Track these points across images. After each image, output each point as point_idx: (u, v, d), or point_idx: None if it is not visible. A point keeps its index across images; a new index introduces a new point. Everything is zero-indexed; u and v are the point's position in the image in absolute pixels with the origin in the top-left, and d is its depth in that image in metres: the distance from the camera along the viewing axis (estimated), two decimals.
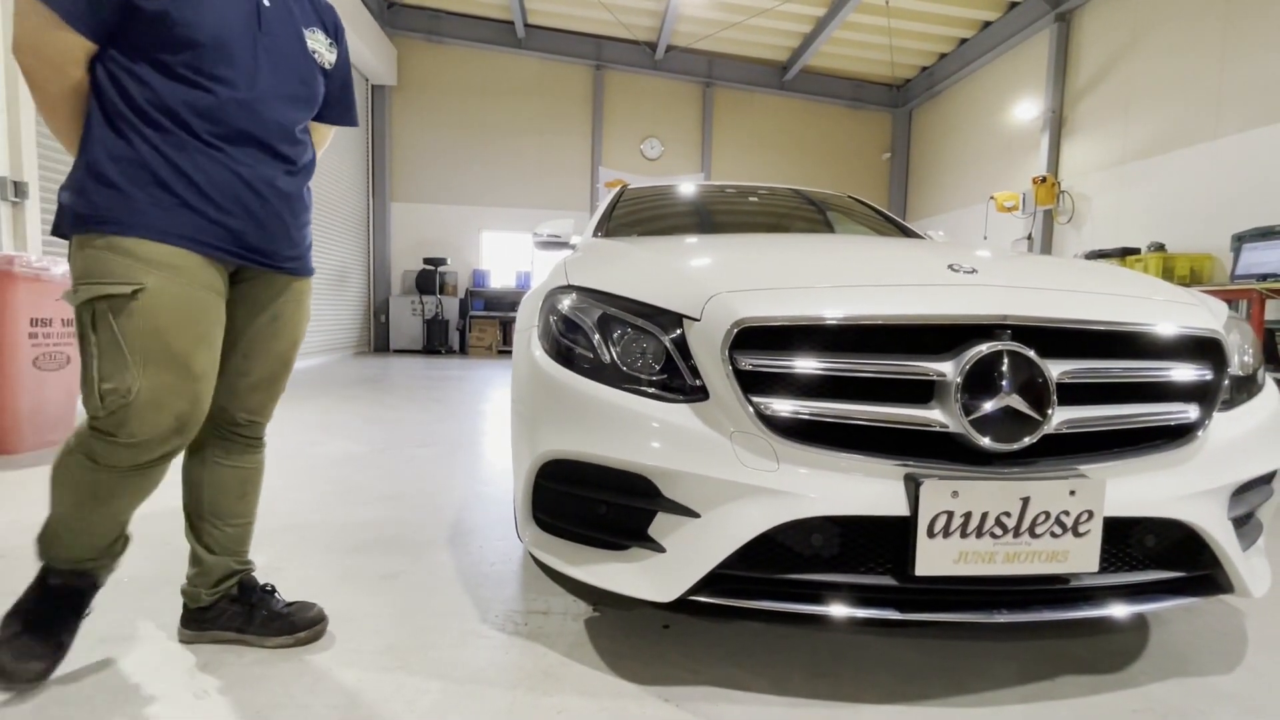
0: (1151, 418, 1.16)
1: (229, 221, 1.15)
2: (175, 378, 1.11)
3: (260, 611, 1.34)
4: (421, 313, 10.12)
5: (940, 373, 1.09)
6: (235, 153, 1.15)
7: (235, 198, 1.15)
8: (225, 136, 1.13)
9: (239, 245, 1.18)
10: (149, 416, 1.09)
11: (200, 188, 1.12)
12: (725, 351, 1.12)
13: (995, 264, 1.35)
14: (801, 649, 1.35)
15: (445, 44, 10.18)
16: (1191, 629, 1.46)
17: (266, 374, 1.31)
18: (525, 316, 1.55)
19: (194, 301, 1.12)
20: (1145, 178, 6.57)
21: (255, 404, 1.33)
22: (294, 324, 1.33)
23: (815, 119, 11.17)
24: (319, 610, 1.39)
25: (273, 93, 1.18)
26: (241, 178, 1.15)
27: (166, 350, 1.09)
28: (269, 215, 1.20)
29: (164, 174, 1.09)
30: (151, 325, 1.08)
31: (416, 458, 3.07)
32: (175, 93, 1.09)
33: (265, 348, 1.29)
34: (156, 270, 1.09)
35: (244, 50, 1.14)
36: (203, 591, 1.33)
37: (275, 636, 1.32)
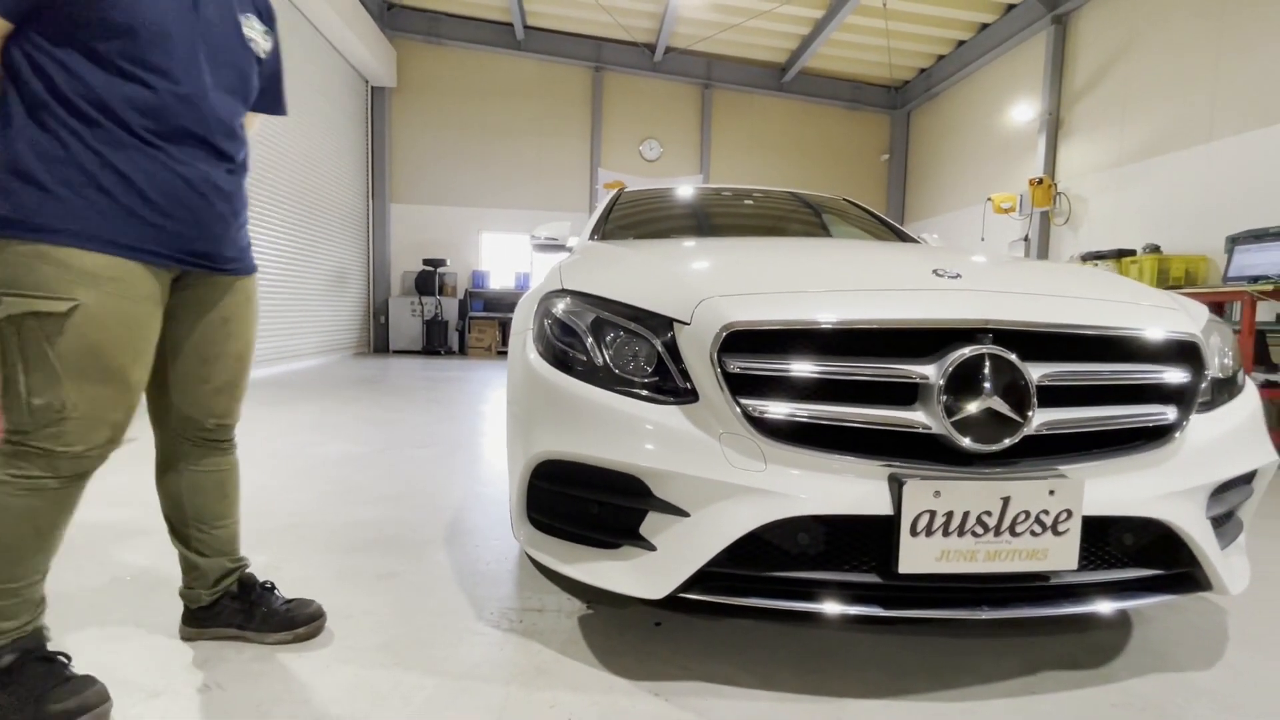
0: (1130, 419, 1.19)
1: (171, 225, 1.10)
2: (113, 391, 1.07)
3: (260, 608, 1.36)
4: (421, 313, 10.15)
5: (923, 375, 1.12)
6: (176, 151, 1.08)
7: (178, 200, 1.09)
8: (165, 135, 1.07)
9: (182, 250, 1.12)
10: (86, 430, 1.05)
11: (140, 190, 1.05)
12: (714, 354, 1.15)
13: (979, 269, 1.38)
14: (790, 646, 1.37)
15: (444, 45, 10.21)
16: (1172, 626, 1.49)
17: (227, 377, 1.29)
18: (521, 319, 1.58)
19: (133, 316, 1.07)
20: (1141, 180, 6.61)
21: (221, 408, 1.31)
22: (246, 324, 1.30)
23: (814, 120, 11.20)
24: (318, 606, 1.42)
25: (213, 86, 1.12)
26: (183, 178, 1.09)
27: (104, 366, 1.05)
28: (212, 217, 1.15)
29: (100, 175, 1.02)
30: (88, 343, 1.03)
31: (415, 458, 3.10)
32: (111, 87, 1.01)
33: (221, 351, 1.26)
34: (94, 284, 1.02)
35: (182, 39, 1.07)
36: (202, 593, 1.35)
37: (275, 632, 1.35)
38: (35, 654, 1.09)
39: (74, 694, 1.05)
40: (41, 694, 1.04)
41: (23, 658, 1.07)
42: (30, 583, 1.09)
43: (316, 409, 4.55)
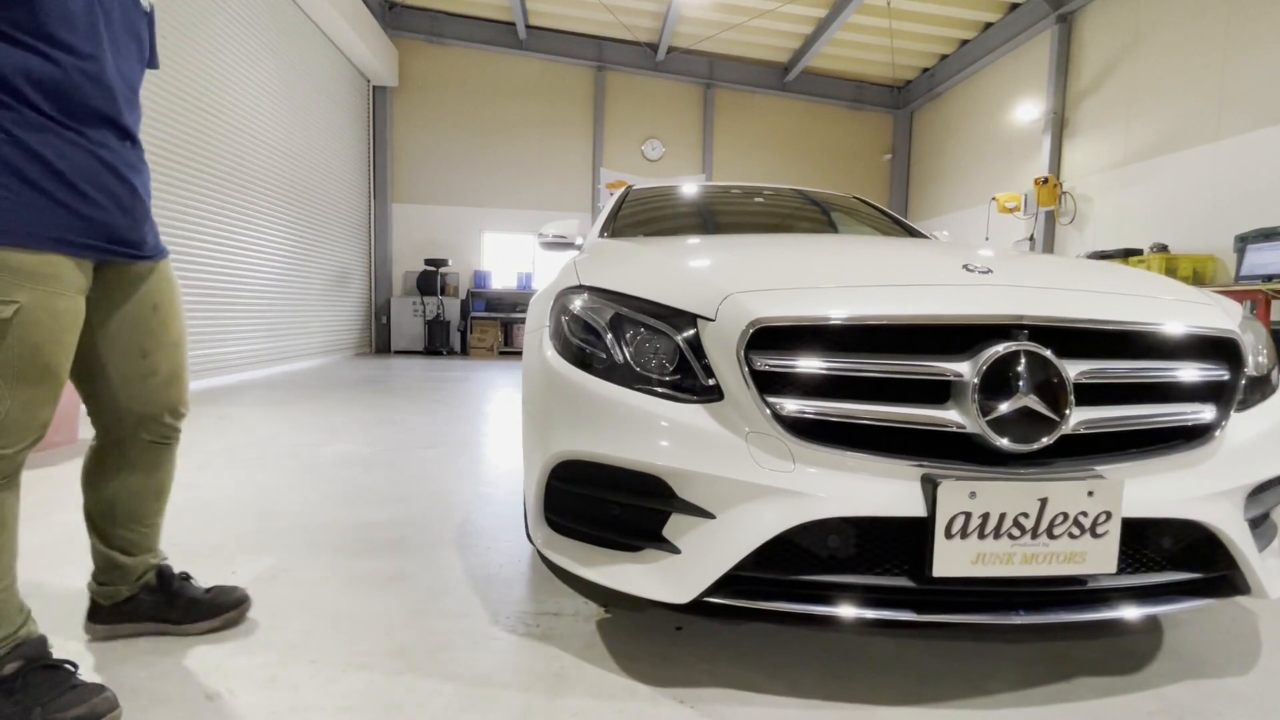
0: (1169, 418, 1.16)
1: (99, 215, 1.05)
2: (46, 389, 1.04)
3: (181, 598, 1.34)
4: (423, 314, 10.12)
5: (957, 373, 1.09)
6: (91, 134, 1.03)
7: (102, 187, 1.05)
8: (77, 116, 1.01)
9: (108, 239, 1.08)
10: (19, 431, 1.02)
11: (64, 176, 1.00)
12: (741, 352, 1.12)
13: (1010, 264, 1.35)
14: (816, 651, 1.34)
15: (446, 45, 10.18)
16: (1206, 631, 1.46)
17: (171, 366, 1.26)
18: (536, 317, 1.55)
19: (66, 312, 1.04)
20: (1147, 179, 6.58)
21: (173, 399, 1.28)
22: (175, 309, 1.27)
23: (816, 120, 11.18)
24: (242, 592, 1.40)
25: (115, 56, 1.06)
26: (103, 162, 1.04)
27: (40, 366, 1.02)
28: (134, 202, 1.12)
29: (22, 164, 0.96)
30: (27, 345, 0.99)
31: (421, 459, 3.06)
32: (10, 60, 0.93)
33: (161, 340, 1.23)
34: (31, 284, 0.98)
35: (82, 7, 1.00)
36: (122, 588, 1.32)
37: (199, 621, 1.33)
38: (39, 662, 1.07)
39: (81, 701, 1.03)
40: (47, 702, 1.02)
41: (26, 665, 1.05)
42: (2, 588, 1.05)
43: (319, 409, 4.51)
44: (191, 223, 5.47)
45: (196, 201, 5.55)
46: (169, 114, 5.11)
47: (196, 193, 5.55)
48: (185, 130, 5.35)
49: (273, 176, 6.94)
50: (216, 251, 5.87)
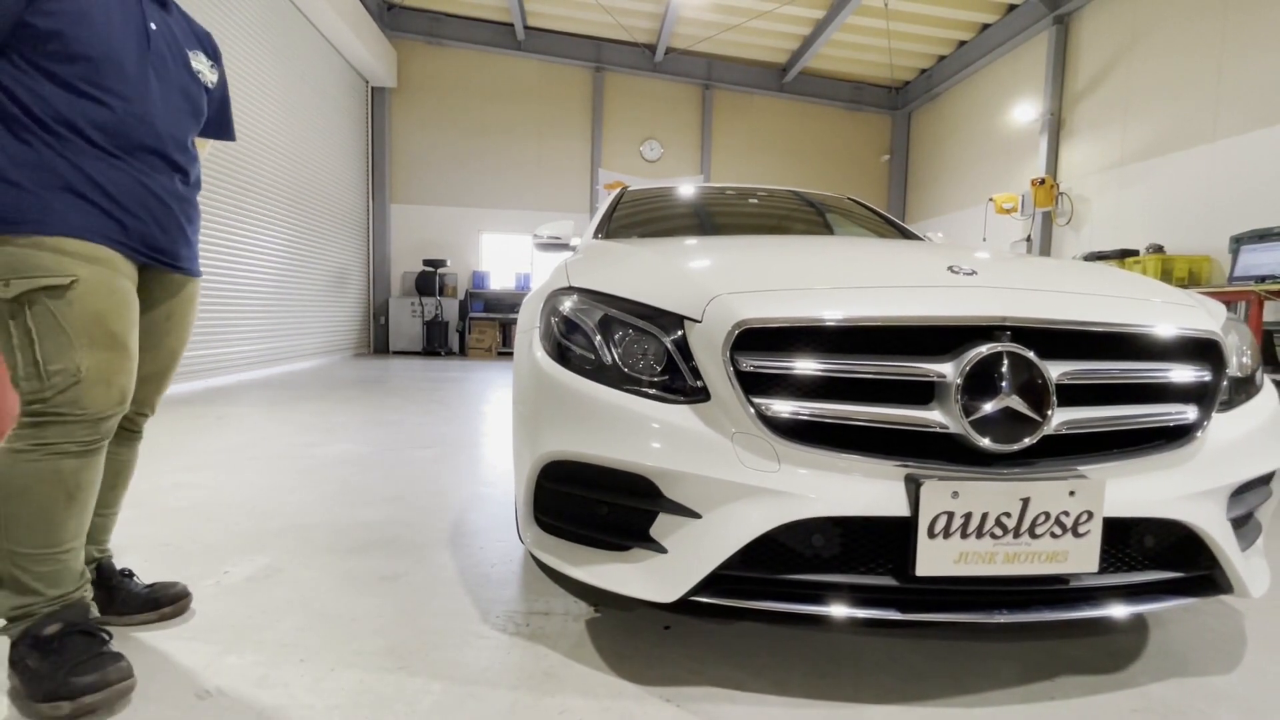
0: (1150, 419, 1.17)
1: (137, 225, 1.22)
2: (118, 355, 1.18)
3: (120, 593, 1.39)
4: (421, 314, 10.12)
5: (940, 374, 1.10)
6: (135, 163, 1.22)
7: (141, 203, 1.22)
8: (124, 148, 1.20)
9: (146, 246, 1.25)
10: (99, 392, 1.15)
11: (108, 192, 1.18)
12: (727, 353, 1.13)
13: (995, 265, 1.36)
14: (802, 650, 1.35)
15: (445, 46, 10.19)
16: (1190, 629, 1.47)
17: (158, 368, 1.39)
18: (527, 318, 1.56)
19: (123, 290, 1.20)
20: (1144, 180, 6.59)
21: (144, 396, 1.39)
22: (186, 323, 1.42)
23: (814, 121, 11.19)
24: (183, 587, 1.46)
25: (162, 106, 1.26)
26: (144, 185, 1.23)
27: (107, 332, 1.16)
28: (170, 219, 1.29)
29: (72, 178, 1.14)
30: (92, 310, 1.14)
31: (417, 459, 3.07)
32: (73, 105, 1.14)
33: (159, 343, 1.36)
34: (87, 263, 1.14)
35: (134, 66, 1.21)
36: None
37: (138, 614, 1.38)
38: (78, 627, 1.15)
39: (98, 668, 1.09)
40: (74, 665, 1.08)
41: (67, 629, 1.13)
42: (68, 548, 1.17)
43: (317, 410, 4.52)
44: None
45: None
46: None
47: None
48: None
49: (271, 177, 6.94)
50: (215, 252, 5.88)
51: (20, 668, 1.11)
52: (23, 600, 1.13)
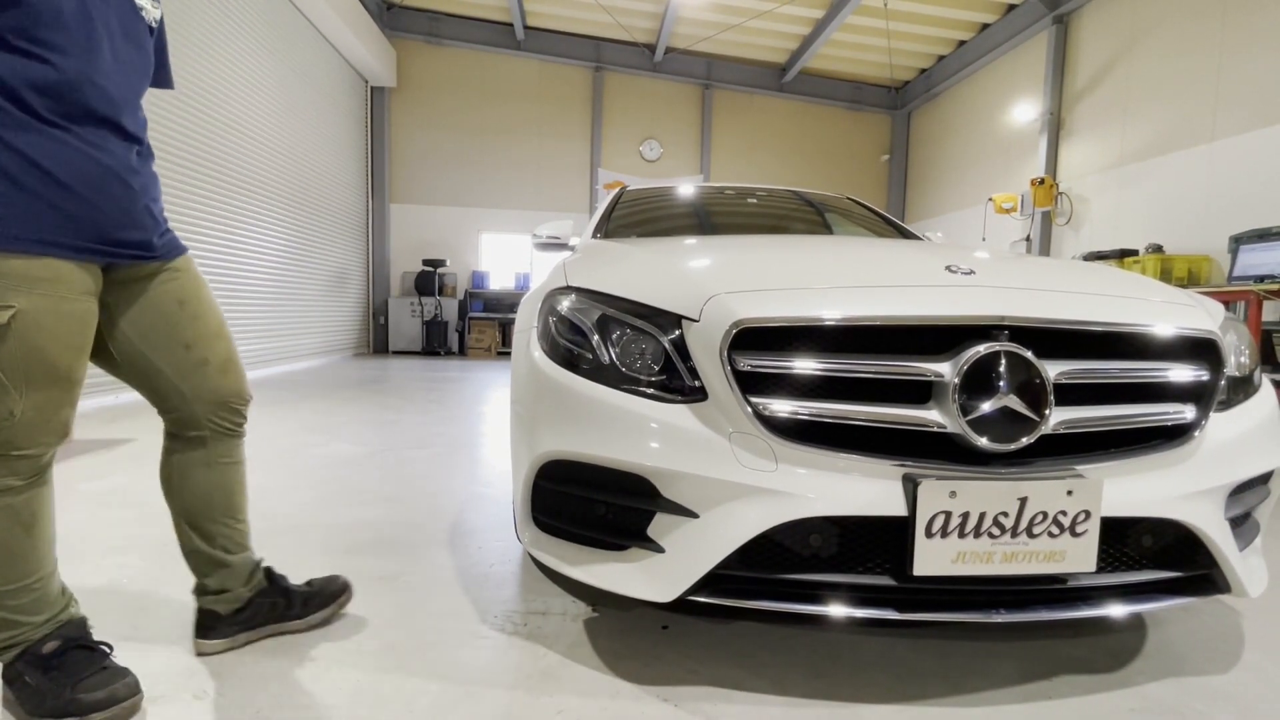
0: (1148, 418, 1.17)
1: (93, 215, 1.03)
2: (59, 391, 1.04)
3: (295, 595, 1.36)
4: (420, 314, 10.12)
5: (938, 373, 1.10)
6: (86, 134, 1.01)
7: (97, 187, 1.02)
8: (72, 116, 0.99)
9: (109, 240, 1.06)
10: (36, 432, 1.03)
11: (56, 177, 0.98)
12: (724, 352, 1.13)
13: (993, 265, 1.36)
14: (800, 649, 1.35)
15: (444, 46, 10.19)
16: (1189, 629, 1.47)
17: (221, 353, 1.24)
18: (525, 317, 1.56)
19: (71, 314, 1.03)
20: (1143, 179, 6.60)
21: (234, 383, 1.26)
22: (205, 300, 1.24)
23: (814, 121, 11.20)
24: (343, 579, 1.44)
25: (114, 61, 1.04)
26: (98, 163, 1.02)
27: (49, 369, 1.01)
28: (133, 202, 1.08)
29: (8, 163, 0.94)
30: (30, 347, 0.98)
31: (416, 459, 3.07)
32: (10, 67, 0.93)
33: (200, 331, 1.21)
34: (28, 289, 0.97)
35: (73, 10, 0.98)
36: (243, 591, 1.31)
37: (317, 611, 1.36)
38: (78, 642, 1.11)
39: (105, 685, 1.06)
40: (78, 681, 1.06)
41: (65, 645, 1.09)
42: (40, 577, 1.09)
43: (316, 410, 4.52)
44: (189, 224, 5.47)
45: (194, 202, 5.55)
46: (166, 115, 5.11)
47: (194, 194, 5.55)
48: (183, 131, 5.36)
49: (271, 177, 6.94)
50: (215, 252, 5.88)
51: (18, 684, 1.06)
52: (9, 633, 1.07)
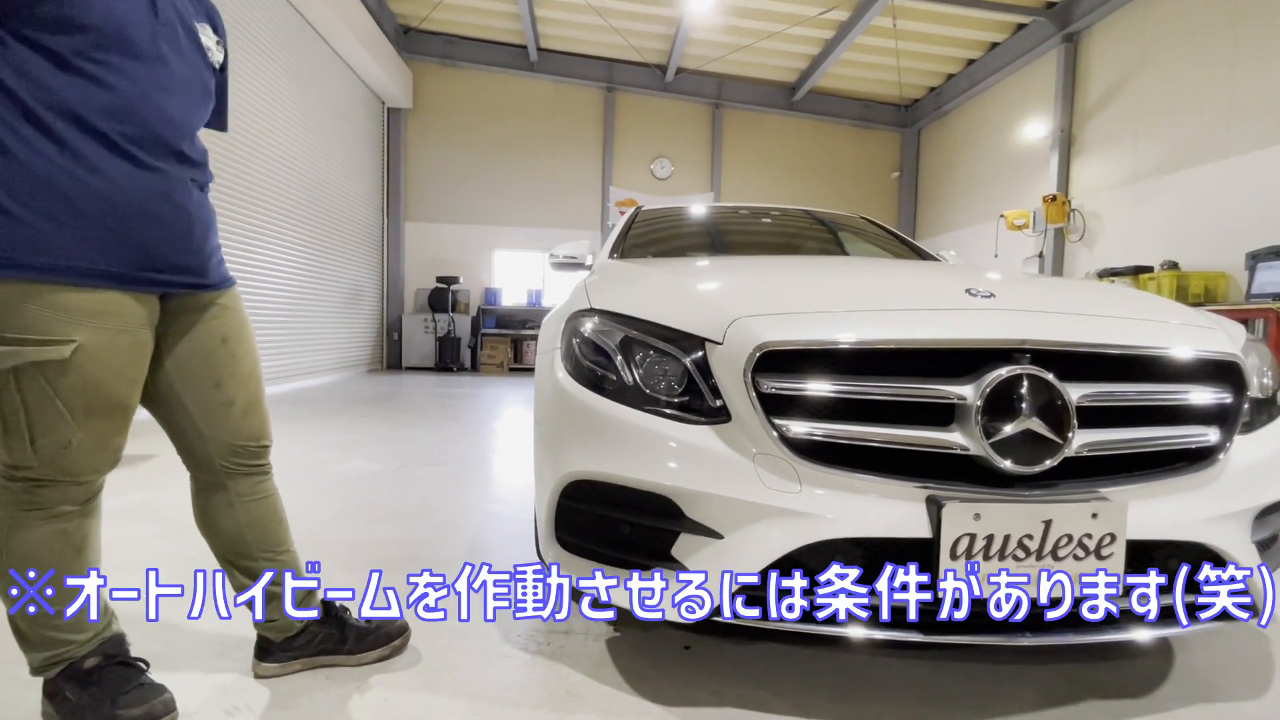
0: (1172, 441, 1.17)
1: (153, 242, 1.04)
2: (114, 420, 1.06)
3: (351, 628, 1.36)
4: (434, 330, 10.21)
5: (960, 396, 1.11)
6: (146, 158, 1.02)
7: (158, 215, 1.03)
8: (135, 139, 1.00)
9: (167, 268, 1.07)
10: (91, 460, 1.05)
11: (117, 205, 0.98)
12: (748, 375, 1.14)
13: (1012, 287, 1.37)
14: (823, 670, 1.35)
15: (459, 67, 10.39)
16: (1217, 654, 1.45)
17: (248, 395, 1.24)
18: (548, 338, 1.58)
19: (129, 346, 1.05)
20: (1157, 196, 6.58)
21: (255, 427, 1.26)
22: (246, 339, 1.25)
23: (824, 138, 11.27)
24: (403, 621, 1.42)
25: (177, 89, 1.06)
26: (161, 191, 1.04)
27: (106, 401, 1.03)
28: (191, 230, 1.10)
29: (74, 192, 0.95)
30: (88, 380, 1.00)
31: (431, 476, 3.09)
32: (74, 88, 0.94)
33: (232, 370, 1.21)
34: (90, 321, 0.99)
35: (144, 39, 1.00)
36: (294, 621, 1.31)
37: (370, 650, 1.35)
38: (117, 658, 1.14)
39: (142, 701, 1.09)
40: (116, 696, 1.08)
41: (105, 661, 1.12)
42: (86, 595, 1.12)
43: (332, 426, 4.57)
44: None
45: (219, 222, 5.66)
46: None
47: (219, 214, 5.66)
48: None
49: (289, 197, 7.08)
50: (234, 271, 5.97)
51: (59, 699, 1.09)
52: (55, 650, 1.10)
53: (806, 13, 8.37)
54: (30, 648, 1.10)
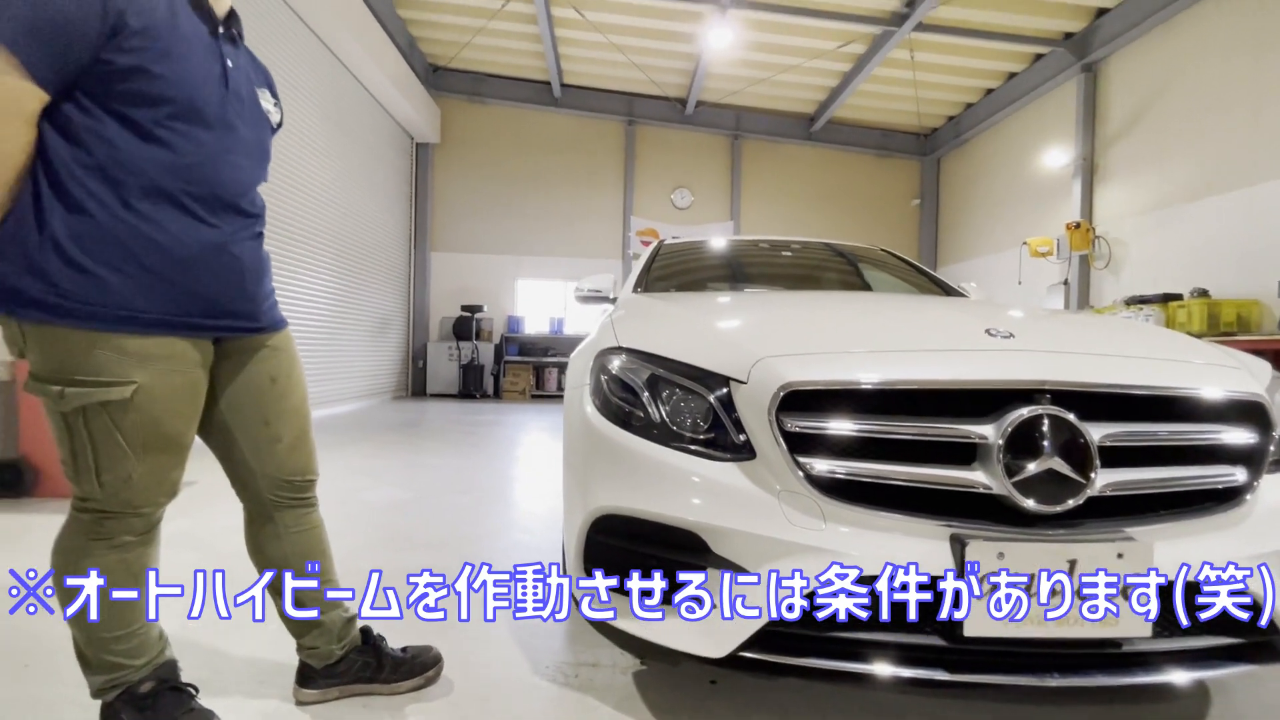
0: (1198, 480, 1.17)
1: (210, 292, 1.12)
2: (172, 455, 1.14)
3: (388, 657, 1.40)
4: (458, 358, 10.38)
5: (982, 435, 1.13)
6: (209, 215, 1.11)
7: (218, 268, 1.12)
8: (199, 197, 1.09)
9: (221, 314, 1.15)
10: (150, 492, 1.13)
11: (175, 256, 1.07)
12: (772, 414, 1.18)
13: (1032, 326, 1.39)
14: (848, 707, 1.35)
15: (486, 103, 10.74)
16: (1255, 697, 1.42)
17: (296, 431, 1.32)
18: (576, 373, 1.64)
19: (185, 386, 1.13)
20: (1184, 222, 6.51)
21: (301, 462, 1.33)
22: (295, 378, 1.33)
23: (843, 167, 11.37)
24: (437, 651, 1.46)
25: (240, 152, 1.16)
26: (217, 242, 1.12)
27: (163, 437, 1.11)
28: (247, 279, 1.18)
29: (137, 247, 1.03)
30: (148, 418, 1.09)
31: (458, 505, 3.14)
32: (148, 153, 1.03)
33: (281, 408, 1.29)
34: (148, 364, 1.07)
35: (215, 108, 1.11)
36: (334, 648, 1.36)
37: (405, 680, 1.39)
38: (170, 683, 1.20)
39: None
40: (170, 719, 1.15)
41: (159, 686, 1.19)
42: (144, 623, 1.19)
43: (362, 454, 4.66)
44: None
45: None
46: None
47: None
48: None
49: (323, 231, 7.33)
50: None
51: None
52: (114, 675, 1.16)
53: (824, 47, 8.53)
54: (92, 671, 1.16)
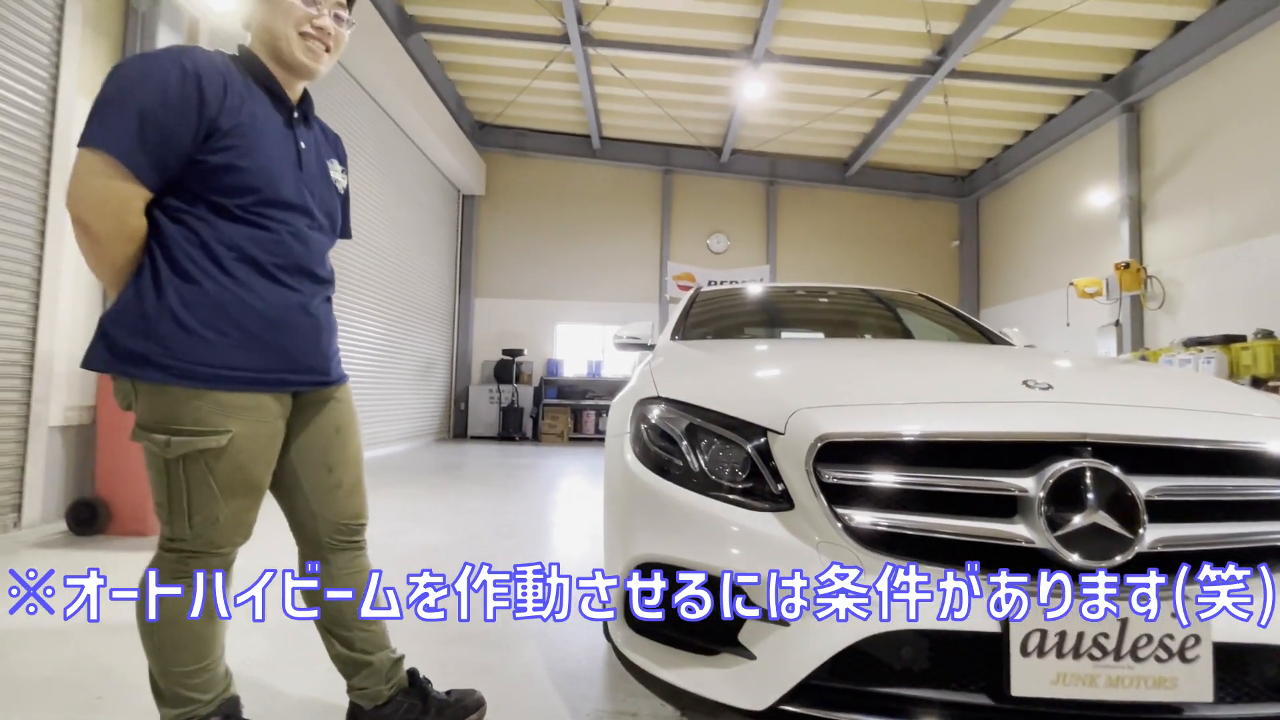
0: (1255, 538, 1.14)
1: (293, 348, 1.26)
2: (251, 500, 1.25)
3: (434, 700, 1.44)
4: (498, 400, 10.58)
5: (1022, 488, 1.13)
6: (292, 282, 1.26)
7: (298, 328, 1.26)
8: (285, 268, 1.24)
9: (301, 369, 1.28)
10: (231, 533, 1.24)
11: (266, 319, 1.21)
12: (810, 465, 1.20)
13: (1070, 378, 1.39)
14: None
15: (528, 156, 11.22)
16: None
17: (353, 477, 1.42)
18: (617, 421, 1.68)
19: (269, 436, 1.25)
20: (1242, 262, 6.28)
21: (356, 506, 1.43)
22: (354, 429, 1.44)
23: (879, 211, 11.39)
24: (479, 695, 1.50)
25: (315, 226, 1.31)
26: (299, 305, 1.27)
27: (247, 482, 1.23)
28: (320, 337, 1.32)
29: (239, 314, 1.18)
30: (237, 464, 1.20)
31: (499, 549, 3.19)
32: (240, 232, 1.19)
33: (342, 456, 1.39)
34: (240, 415, 1.19)
35: (291, 190, 1.26)
36: (382, 688, 1.40)
37: None
38: (234, 718, 1.28)
39: None
40: None
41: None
42: (214, 659, 1.27)
43: (406, 496, 4.77)
44: None
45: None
46: None
47: None
48: None
49: (375, 280, 7.69)
50: None
51: None
52: (185, 709, 1.24)
53: (857, 95, 8.69)
54: (165, 704, 1.24)
